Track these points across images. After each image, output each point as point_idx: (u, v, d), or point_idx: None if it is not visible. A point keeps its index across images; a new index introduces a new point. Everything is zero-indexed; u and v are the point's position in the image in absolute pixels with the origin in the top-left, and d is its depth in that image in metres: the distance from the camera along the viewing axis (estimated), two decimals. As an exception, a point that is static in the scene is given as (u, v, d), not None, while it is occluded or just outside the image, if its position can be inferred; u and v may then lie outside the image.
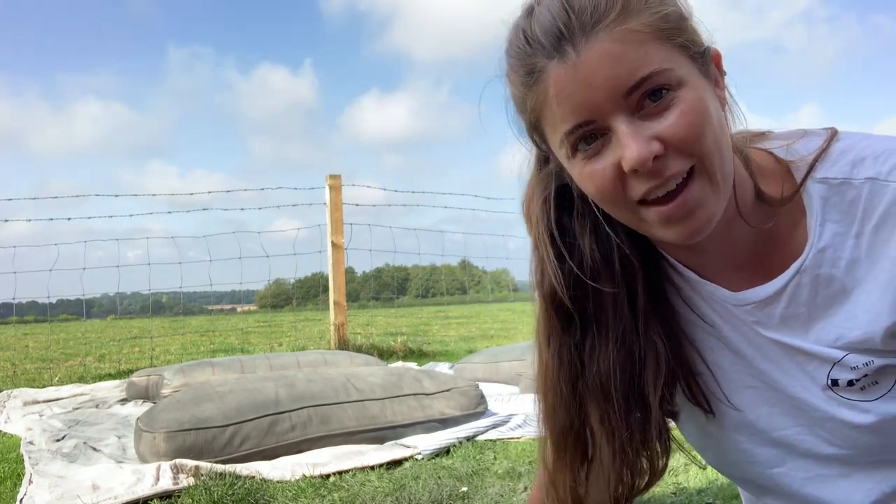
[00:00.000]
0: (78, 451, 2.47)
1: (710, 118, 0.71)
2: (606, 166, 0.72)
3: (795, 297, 0.79)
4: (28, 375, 4.82)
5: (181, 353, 6.29)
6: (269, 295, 12.04)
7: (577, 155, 0.74)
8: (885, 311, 0.74)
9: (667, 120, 0.70)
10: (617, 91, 0.69)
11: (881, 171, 0.74)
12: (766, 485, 0.91)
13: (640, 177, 0.71)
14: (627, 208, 0.74)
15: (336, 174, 5.51)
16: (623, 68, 0.68)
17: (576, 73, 0.69)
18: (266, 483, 2.06)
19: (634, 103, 0.69)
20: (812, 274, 0.77)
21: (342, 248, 5.44)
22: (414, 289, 11.36)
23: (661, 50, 0.70)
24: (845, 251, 0.76)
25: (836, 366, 0.79)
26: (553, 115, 0.73)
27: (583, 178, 0.75)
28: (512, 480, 2.04)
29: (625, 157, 0.70)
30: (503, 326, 8.45)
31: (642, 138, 0.69)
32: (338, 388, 2.59)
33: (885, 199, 0.73)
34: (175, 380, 3.32)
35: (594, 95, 0.69)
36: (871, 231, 0.74)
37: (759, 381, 0.85)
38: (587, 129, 0.71)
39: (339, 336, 5.31)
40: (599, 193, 0.74)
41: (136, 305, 12.05)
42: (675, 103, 0.70)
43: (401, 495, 1.92)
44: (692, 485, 1.91)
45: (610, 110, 0.69)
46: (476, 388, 2.89)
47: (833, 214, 0.76)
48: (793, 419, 0.84)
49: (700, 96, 0.71)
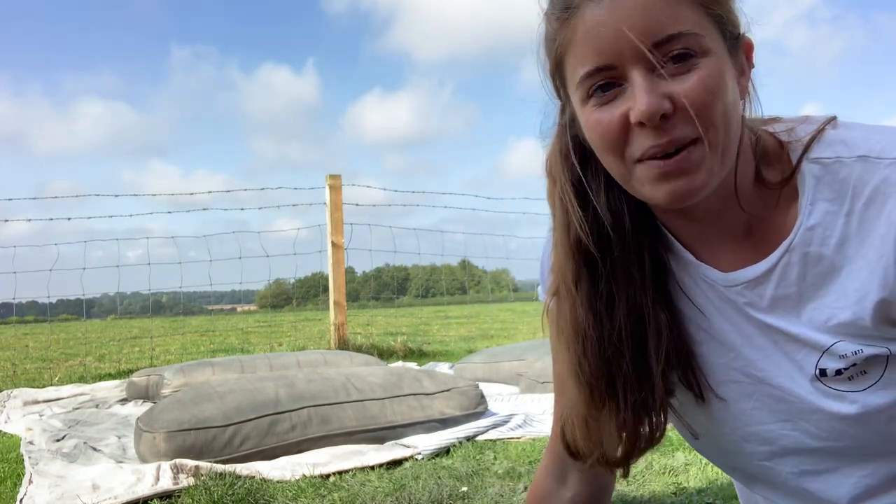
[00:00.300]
0: (78, 451, 2.47)
1: (725, 93, 0.72)
2: (615, 115, 0.73)
3: (785, 276, 0.79)
4: (28, 375, 4.82)
5: (181, 353, 6.29)
6: (269, 295, 12.04)
7: (590, 101, 0.75)
8: (873, 287, 0.74)
9: (684, 83, 0.70)
10: (643, 43, 0.69)
11: (873, 149, 0.74)
12: (754, 474, 0.92)
13: (644, 132, 0.72)
14: (624, 163, 0.75)
15: (336, 174, 5.51)
16: (655, 21, 0.69)
17: (608, 16, 0.70)
18: (266, 483, 2.06)
19: (657, 59, 0.70)
20: (801, 252, 0.77)
21: (342, 247, 5.44)
22: (414, 289, 11.36)
23: (696, 15, 0.71)
24: (835, 229, 0.76)
25: (826, 354, 0.79)
26: (577, 55, 0.74)
27: (590, 125, 0.76)
28: (512, 480, 2.04)
29: (634, 107, 0.70)
30: (503, 326, 8.45)
31: (655, 93, 0.70)
32: (338, 388, 2.59)
33: (876, 176, 0.73)
34: (175, 380, 3.32)
35: (620, 43, 0.70)
36: (861, 208, 0.74)
37: (744, 375, 0.85)
38: (606, 73, 0.72)
39: (339, 336, 5.31)
40: (601, 141, 0.75)
41: (136, 305, 12.06)
42: (697, 68, 0.70)
43: (401, 495, 1.92)
44: (692, 485, 1.91)
45: (631, 59, 0.70)
46: (476, 388, 2.89)
47: (825, 193, 0.76)
48: (776, 414, 0.84)
49: (721, 69, 0.72)
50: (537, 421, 2.78)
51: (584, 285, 0.85)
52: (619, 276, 0.84)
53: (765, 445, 0.87)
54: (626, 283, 0.85)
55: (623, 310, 0.84)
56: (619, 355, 0.85)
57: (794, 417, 0.83)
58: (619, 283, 0.84)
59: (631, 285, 0.85)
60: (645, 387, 0.86)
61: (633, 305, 0.85)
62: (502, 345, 5.03)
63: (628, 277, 0.85)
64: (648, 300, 0.85)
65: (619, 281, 0.84)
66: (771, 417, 0.85)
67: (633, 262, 0.85)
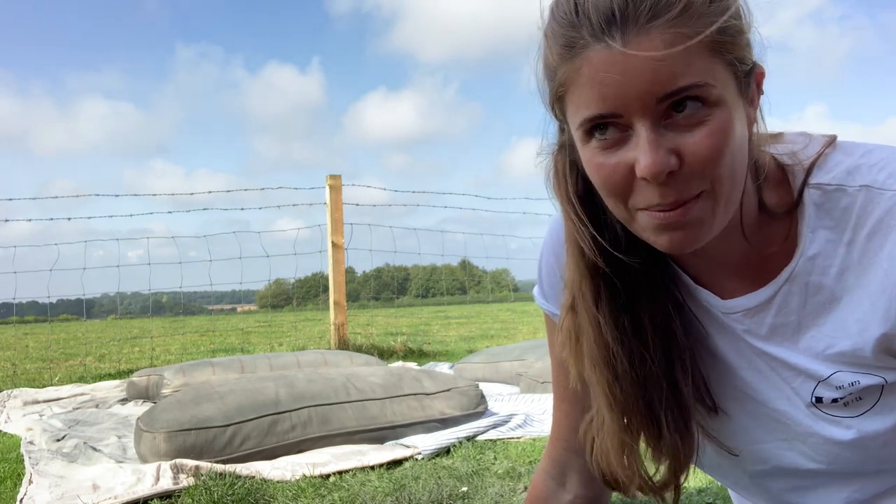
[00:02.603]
0: (78, 450, 2.47)
1: (733, 141, 0.69)
2: (619, 163, 0.70)
3: (785, 305, 0.78)
4: (28, 375, 4.82)
5: (181, 353, 6.29)
6: (270, 295, 12.04)
7: (591, 142, 0.71)
8: (875, 321, 0.73)
9: (692, 136, 0.67)
10: (651, 94, 0.66)
11: (877, 179, 0.73)
12: (749, 489, 0.92)
13: (649, 186, 0.69)
14: (626, 209, 0.73)
15: (336, 174, 5.51)
16: (665, 73, 0.65)
17: (615, 63, 0.66)
18: (266, 483, 2.06)
19: (664, 110, 0.67)
20: (802, 282, 0.76)
21: (342, 247, 5.44)
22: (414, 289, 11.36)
23: (708, 63, 0.66)
24: (836, 259, 0.74)
25: (822, 383, 0.78)
26: (579, 97, 0.70)
27: (591, 167, 0.73)
28: (512, 480, 2.04)
29: (640, 163, 0.67)
30: (503, 326, 8.45)
31: (662, 149, 0.67)
32: (338, 388, 2.59)
33: (880, 207, 0.72)
34: (175, 380, 3.32)
35: (627, 91, 0.66)
36: (864, 239, 0.72)
37: (743, 394, 0.84)
38: (609, 121, 0.69)
39: (339, 336, 5.31)
40: (604, 186, 0.72)
41: (137, 305, 12.06)
42: (707, 121, 0.67)
43: (401, 495, 1.92)
44: (692, 485, 1.91)
45: (638, 111, 0.67)
46: (476, 388, 2.89)
47: (825, 221, 0.75)
48: (774, 434, 0.84)
49: (730, 118, 0.68)
50: (537, 421, 2.79)
51: (606, 304, 0.81)
52: (640, 291, 0.82)
53: (760, 464, 0.87)
54: (648, 297, 0.82)
55: (650, 327, 0.81)
56: (653, 375, 0.82)
57: (791, 438, 0.83)
58: (641, 298, 0.82)
59: (655, 301, 0.82)
60: (682, 405, 0.84)
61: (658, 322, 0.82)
62: (502, 345, 5.03)
63: (651, 292, 0.82)
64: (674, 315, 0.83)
65: (640, 296, 0.82)
66: (769, 436, 0.84)
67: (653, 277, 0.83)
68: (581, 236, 0.81)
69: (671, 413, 0.83)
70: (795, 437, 0.82)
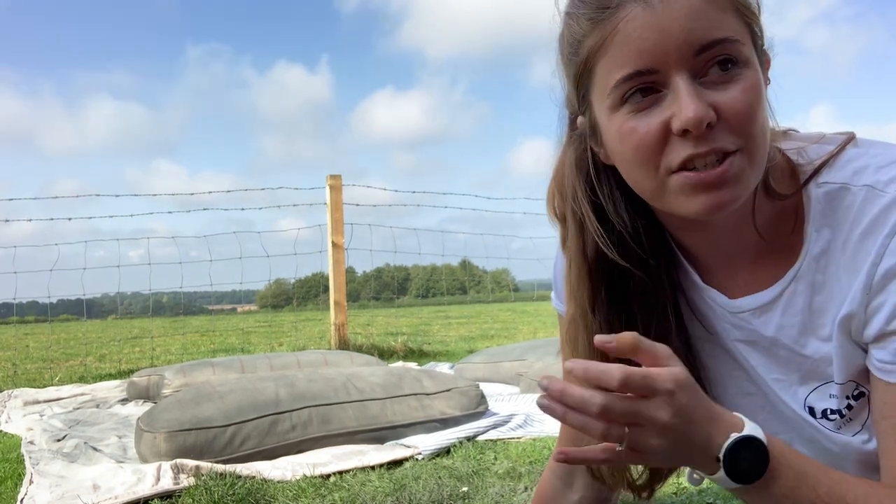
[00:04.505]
0: (78, 450, 2.47)
1: (763, 105, 0.71)
2: (653, 123, 0.70)
3: (791, 305, 0.78)
4: (28, 375, 4.82)
5: (181, 353, 6.29)
6: (270, 295, 12.04)
7: (624, 107, 0.71)
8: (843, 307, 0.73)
9: (728, 93, 0.68)
10: (690, 45, 0.67)
11: (880, 181, 0.72)
12: None
13: (684, 141, 0.69)
14: (657, 175, 0.72)
15: (336, 174, 5.51)
16: (702, 24, 0.67)
17: (653, 17, 0.67)
18: (266, 483, 2.06)
19: (701, 65, 0.68)
20: (807, 281, 0.77)
21: (342, 247, 5.44)
22: (414, 289, 11.36)
23: (739, 24, 0.69)
24: (834, 257, 0.75)
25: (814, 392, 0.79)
26: (613, 58, 0.70)
27: (623, 133, 0.72)
28: (512, 480, 2.04)
29: (679, 114, 0.68)
30: (503, 326, 8.44)
31: (702, 101, 0.67)
32: (338, 387, 2.59)
33: (876, 208, 0.71)
34: (176, 380, 3.33)
35: (666, 43, 0.67)
36: (857, 238, 0.72)
37: (757, 388, 0.85)
38: (646, 78, 0.69)
39: (340, 336, 5.31)
40: (636, 151, 0.72)
41: (137, 305, 12.06)
42: (739, 79, 0.69)
43: (401, 495, 1.92)
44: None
45: (676, 64, 0.68)
46: (476, 388, 2.89)
47: (829, 219, 0.75)
48: (783, 425, 0.84)
49: (760, 81, 0.71)
50: (538, 421, 2.79)
51: (602, 307, 0.83)
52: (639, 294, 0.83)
53: None
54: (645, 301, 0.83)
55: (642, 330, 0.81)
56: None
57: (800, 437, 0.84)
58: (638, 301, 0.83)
59: (653, 305, 0.83)
60: None
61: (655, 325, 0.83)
62: (503, 345, 5.03)
63: (650, 296, 0.83)
64: (672, 320, 0.84)
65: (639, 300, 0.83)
66: (782, 428, 0.85)
67: (655, 281, 0.83)
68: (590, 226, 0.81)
69: None
70: (801, 437, 0.83)
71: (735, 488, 0.68)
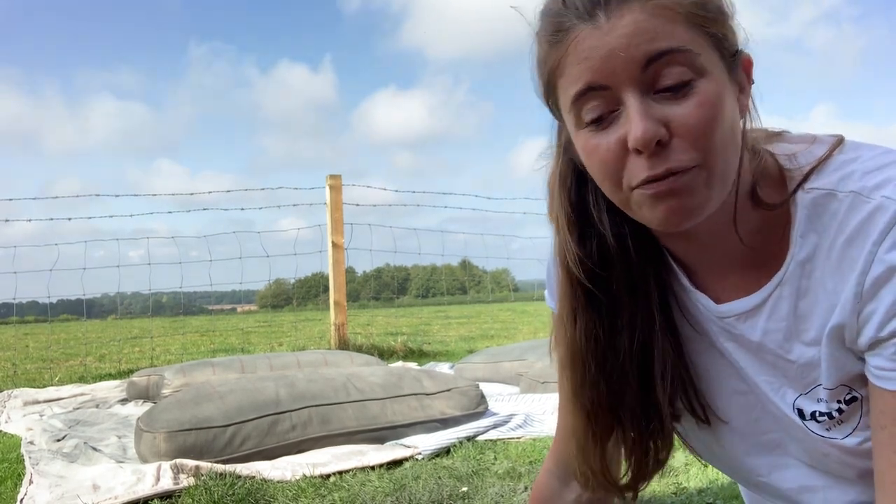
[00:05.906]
0: (78, 451, 2.47)
1: (723, 117, 0.69)
2: (611, 141, 0.70)
3: (776, 310, 0.78)
4: (28, 375, 4.82)
5: (181, 353, 6.29)
6: (270, 295, 12.04)
7: (584, 127, 0.72)
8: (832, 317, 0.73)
9: (680, 107, 0.68)
10: (636, 61, 0.67)
11: (865, 187, 0.72)
12: (761, 487, 0.92)
13: (640, 160, 0.69)
14: (622, 190, 0.73)
15: (336, 174, 5.51)
16: (647, 37, 0.67)
17: (600, 36, 0.68)
18: (266, 483, 2.06)
19: (650, 79, 0.68)
20: (793, 286, 0.76)
21: (342, 247, 5.44)
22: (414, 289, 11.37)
23: (691, 33, 0.68)
24: (819, 263, 0.74)
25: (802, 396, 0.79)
26: (569, 76, 0.71)
27: (586, 151, 0.74)
28: (512, 480, 2.04)
29: (630, 132, 0.68)
30: (503, 326, 8.45)
31: (651, 118, 0.67)
32: (338, 388, 2.59)
33: (861, 214, 0.71)
34: (175, 380, 3.33)
35: (613, 61, 0.67)
36: (842, 245, 0.72)
37: (749, 388, 0.85)
38: (599, 94, 0.70)
39: (340, 336, 5.31)
40: (599, 168, 0.73)
41: (137, 305, 12.05)
42: (693, 92, 0.68)
43: (401, 495, 1.92)
44: (692, 485, 1.91)
45: (625, 80, 0.68)
46: (476, 388, 2.89)
47: (815, 225, 0.74)
48: (776, 425, 0.85)
49: (719, 92, 0.69)
50: (538, 421, 2.79)
51: (584, 313, 0.83)
52: (623, 302, 0.83)
53: (768, 456, 0.87)
54: (631, 309, 0.83)
55: (627, 337, 0.83)
56: (625, 384, 0.84)
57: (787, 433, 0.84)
58: (623, 309, 0.83)
59: (637, 311, 0.83)
60: (652, 415, 0.85)
61: (639, 332, 0.83)
62: (502, 345, 5.03)
63: (634, 303, 0.83)
64: (657, 326, 0.84)
65: (622, 307, 0.83)
66: (773, 427, 0.85)
67: (640, 287, 0.83)
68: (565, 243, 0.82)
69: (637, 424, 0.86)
70: (792, 437, 0.83)
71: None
